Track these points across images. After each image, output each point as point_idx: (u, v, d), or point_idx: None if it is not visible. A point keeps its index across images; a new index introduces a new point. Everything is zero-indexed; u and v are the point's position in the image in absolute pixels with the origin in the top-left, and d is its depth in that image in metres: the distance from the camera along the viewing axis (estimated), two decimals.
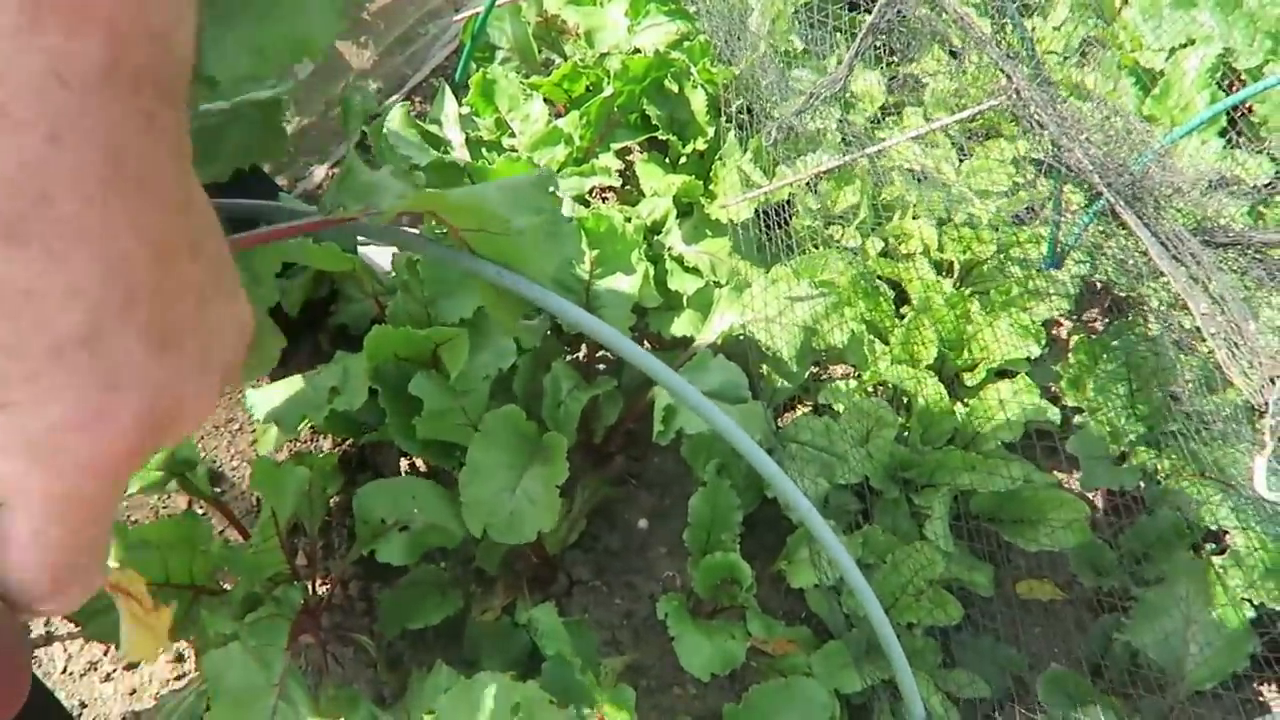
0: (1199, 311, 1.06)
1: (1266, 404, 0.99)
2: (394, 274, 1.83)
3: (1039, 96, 1.18)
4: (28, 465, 0.35)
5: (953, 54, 2.25)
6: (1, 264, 0.32)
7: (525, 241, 0.70)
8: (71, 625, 1.62)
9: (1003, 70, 1.21)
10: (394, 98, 2.50)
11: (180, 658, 1.57)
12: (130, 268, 0.35)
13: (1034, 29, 2.31)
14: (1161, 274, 1.68)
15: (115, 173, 0.34)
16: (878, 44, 1.54)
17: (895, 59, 1.78)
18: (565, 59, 2.13)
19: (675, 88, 1.81)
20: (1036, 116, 1.16)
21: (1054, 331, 2.07)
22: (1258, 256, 1.22)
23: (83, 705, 1.55)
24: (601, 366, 1.88)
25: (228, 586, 1.46)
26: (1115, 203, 1.12)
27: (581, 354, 1.87)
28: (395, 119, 1.66)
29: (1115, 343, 1.55)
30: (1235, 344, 1.05)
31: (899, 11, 1.29)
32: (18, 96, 0.32)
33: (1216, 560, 1.38)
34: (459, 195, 0.65)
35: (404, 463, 1.77)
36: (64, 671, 1.58)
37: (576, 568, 1.68)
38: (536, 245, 0.71)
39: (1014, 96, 1.19)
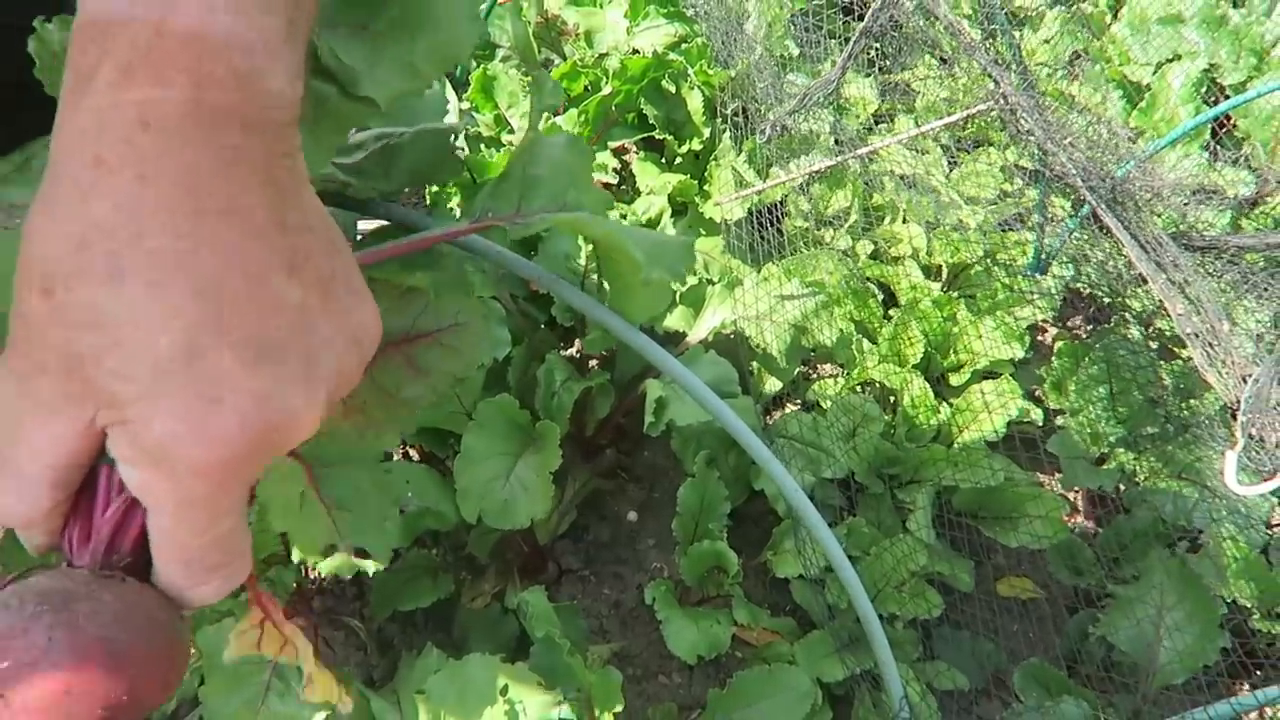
0: (1176, 312, 1.10)
1: (1238, 401, 1.03)
2: None
3: (1025, 103, 1.22)
4: (151, 473, 0.39)
5: (944, 62, 2.30)
6: (107, 300, 0.36)
7: (647, 291, 0.72)
8: None
9: (990, 76, 1.24)
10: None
11: None
12: (221, 290, 0.38)
13: (1023, 40, 2.36)
14: (1142, 282, 1.72)
15: (200, 204, 0.38)
16: (871, 49, 1.58)
17: (888, 64, 1.82)
18: (564, 59, 2.16)
19: (672, 88, 1.84)
20: (1023, 122, 1.20)
21: (1038, 337, 2.12)
22: (1233, 260, 1.26)
23: None
24: (593, 363, 1.91)
25: None
26: (1097, 206, 1.16)
27: (575, 348, 1.90)
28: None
29: (1098, 346, 1.59)
30: (1210, 344, 1.09)
31: (892, 17, 1.33)
32: (111, 146, 0.36)
33: (1190, 558, 1.42)
34: (605, 228, 0.66)
35: (396, 453, 1.79)
36: None
37: (566, 557, 1.71)
38: (653, 297, 0.74)
39: (1001, 102, 1.23)
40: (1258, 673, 1.48)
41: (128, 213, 0.37)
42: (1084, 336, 2.09)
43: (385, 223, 0.80)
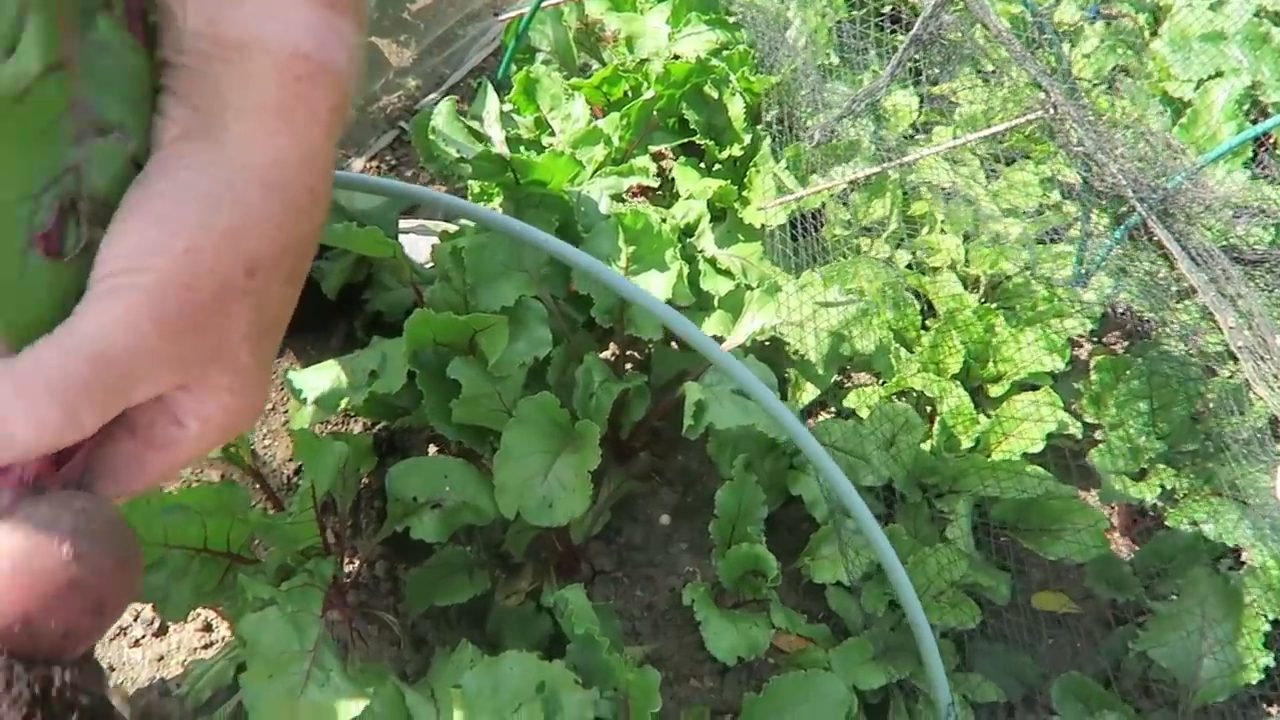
0: (1227, 325, 1.09)
1: None
2: (432, 263, 1.87)
3: (1075, 113, 1.21)
4: (220, 434, 0.47)
5: (984, 77, 2.30)
6: (281, 295, 0.46)
7: None
8: None
9: (1040, 85, 1.24)
10: (430, 96, 2.55)
11: (209, 626, 1.60)
12: (284, 307, 0.48)
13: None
14: (1185, 297, 1.71)
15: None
16: (915, 58, 1.58)
17: (933, 74, 1.82)
18: (602, 64, 2.17)
19: (715, 94, 1.85)
20: (1073, 131, 1.20)
21: (1074, 352, 2.10)
22: None
23: (111, 669, 1.58)
24: (629, 366, 1.92)
25: (260, 558, 1.49)
26: (1148, 217, 1.16)
27: (612, 351, 1.90)
28: (443, 114, 1.71)
29: (1139, 360, 1.58)
30: (1261, 357, 1.08)
31: (940, 26, 1.33)
32: (320, 181, 0.47)
33: (1233, 575, 1.41)
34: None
35: (431, 449, 1.80)
36: None
37: (599, 558, 1.71)
38: None
39: (1051, 111, 1.23)
40: None
41: (316, 234, 0.48)
42: (1120, 353, 2.08)
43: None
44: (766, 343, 1.77)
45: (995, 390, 1.66)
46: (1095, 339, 2.13)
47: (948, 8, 1.28)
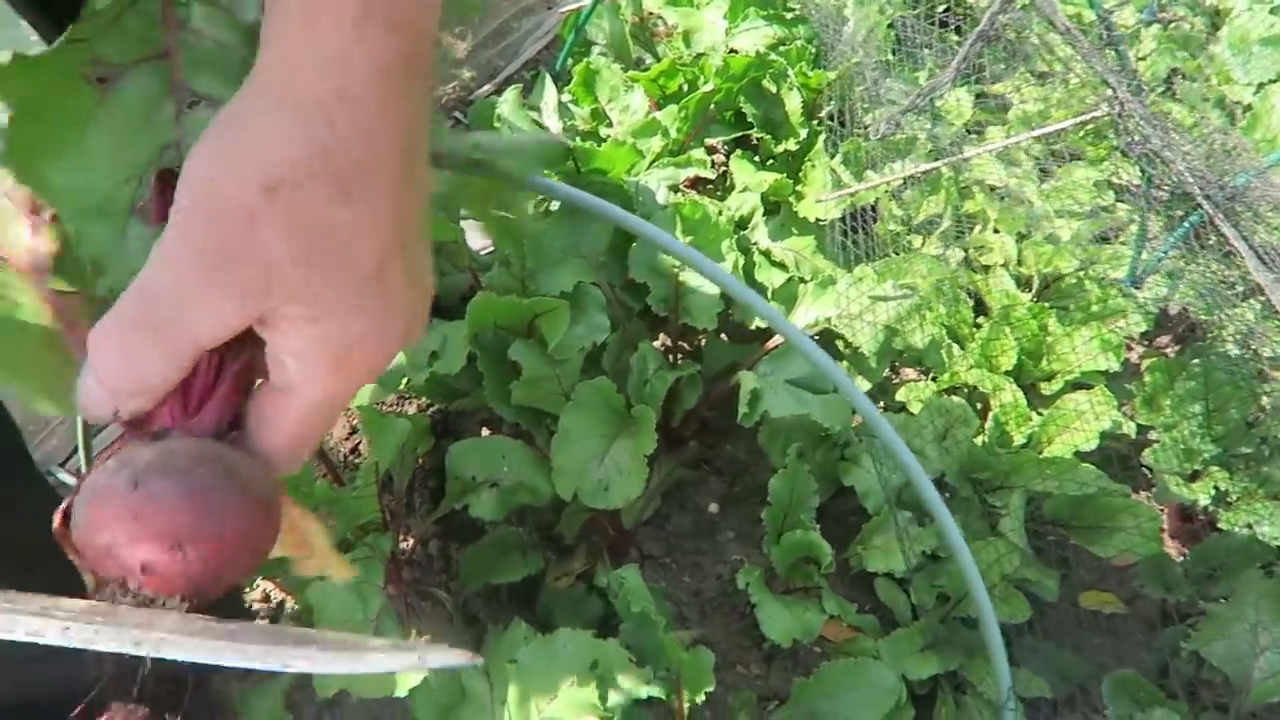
0: None
1: None
2: (490, 249, 1.90)
3: (1141, 109, 1.22)
4: (325, 368, 0.44)
5: (1039, 78, 2.29)
6: (331, 213, 0.42)
7: None
8: None
9: (1106, 82, 1.25)
10: (485, 87, 2.58)
11: (267, 597, 1.64)
12: (408, 218, 0.45)
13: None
14: (1242, 300, 1.70)
15: (410, 144, 0.44)
16: (975, 58, 1.59)
17: (996, 69, 1.83)
18: (657, 59, 2.20)
19: (772, 88, 1.86)
20: (1138, 128, 1.20)
21: (1125, 356, 2.09)
22: None
23: None
24: (680, 355, 1.94)
25: None
26: (1214, 214, 1.16)
27: (663, 341, 1.92)
28: (509, 103, 1.74)
29: (1195, 362, 1.57)
30: None
31: (1002, 22, 1.34)
32: (355, 82, 0.42)
33: None
34: None
35: (484, 431, 1.83)
36: None
37: (648, 544, 1.73)
38: None
39: (1117, 108, 1.23)
40: None
41: (366, 143, 0.42)
42: (1170, 356, 2.07)
43: None
44: (819, 335, 1.79)
45: (1048, 388, 1.66)
46: (1146, 342, 2.12)
47: (1014, 3, 1.28)
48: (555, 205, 1.69)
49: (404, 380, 1.56)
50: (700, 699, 1.30)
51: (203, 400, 0.46)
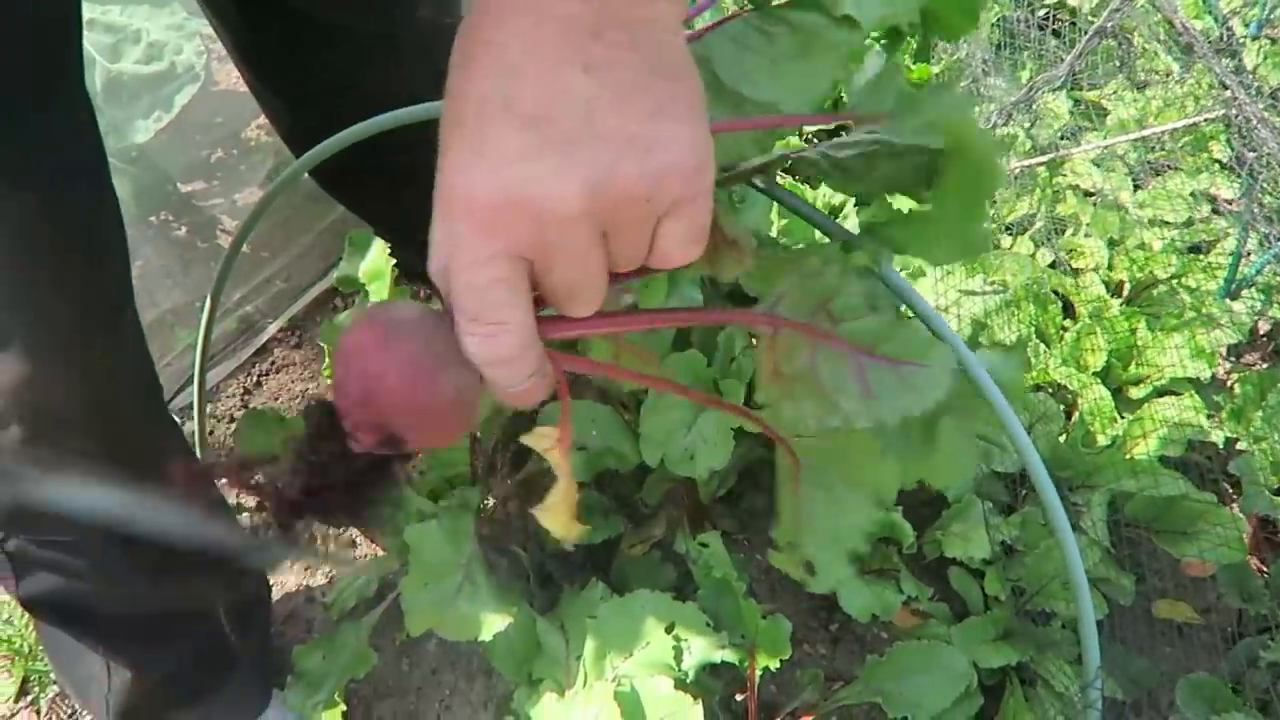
0: None
1: None
2: None
3: (1259, 112, 1.21)
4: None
5: (1137, 85, 2.27)
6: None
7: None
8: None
9: (1225, 84, 1.24)
10: None
11: (354, 542, 1.71)
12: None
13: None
14: None
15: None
16: (1089, 55, 1.58)
17: (1094, 74, 1.82)
18: None
19: None
20: (1257, 129, 1.20)
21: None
22: None
23: (264, 571, 1.70)
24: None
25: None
26: None
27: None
28: None
29: None
30: None
31: (1120, 19, 1.34)
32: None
33: None
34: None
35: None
36: None
37: (722, 520, 1.76)
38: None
39: (1235, 110, 1.23)
40: None
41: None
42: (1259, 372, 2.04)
43: None
44: None
45: (1136, 392, 1.66)
46: (1234, 358, 2.10)
47: (1133, 2, 1.29)
48: None
49: None
50: (774, 667, 1.33)
51: None
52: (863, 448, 0.60)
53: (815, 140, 1.83)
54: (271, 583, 1.68)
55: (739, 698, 1.51)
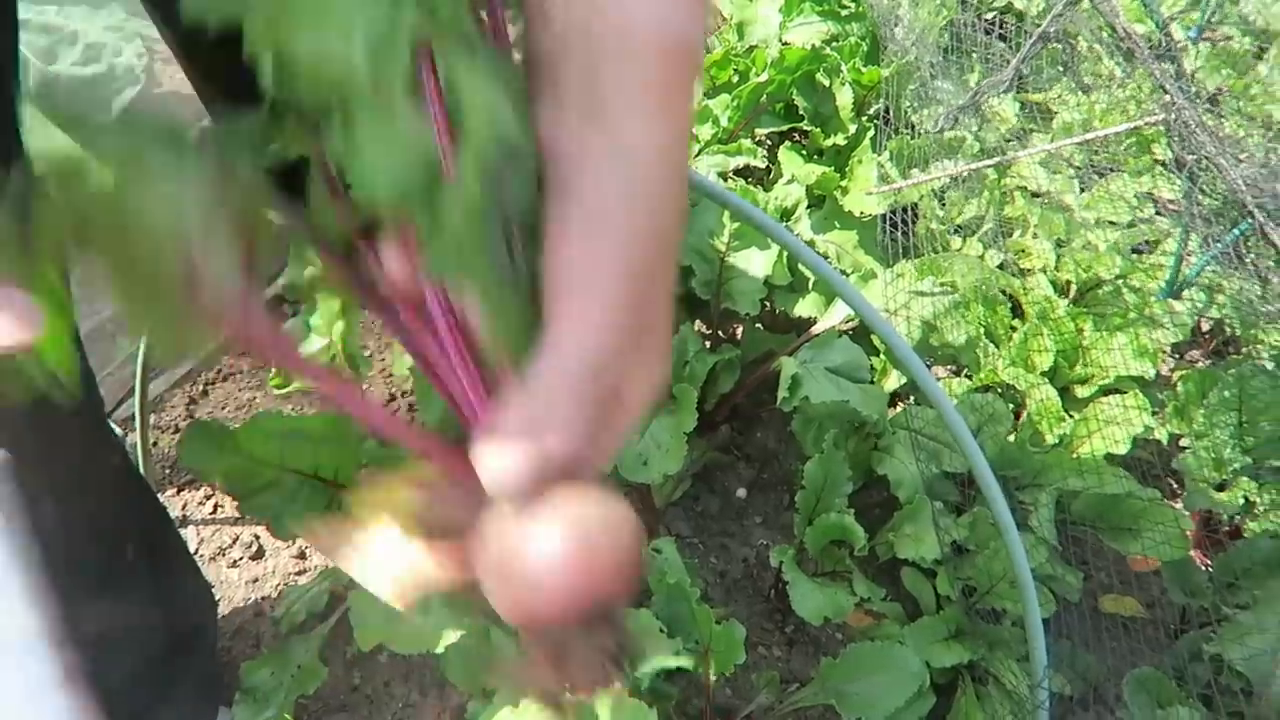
0: None
1: None
2: None
3: (1197, 116, 1.24)
4: (634, 400, 0.47)
5: (1083, 88, 2.31)
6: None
7: None
8: (206, 511, 1.74)
9: (1164, 87, 1.27)
10: None
11: (304, 554, 1.68)
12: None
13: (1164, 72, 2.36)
14: (1277, 319, 1.72)
15: None
16: (1022, 69, 1.61)
17: (1039, 79, 1.85)
18: (708, 51, 2.22)
19: (825, 83, 1.89)
20: (1193, 135, 1.22)
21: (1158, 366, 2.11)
22: None
23: (210, 586, 1.66)
24: (718, 344, 1.96)
25: None
26: (1265, 224, 1.18)
27: (698, 327, 1.95)
28: None
29: (1231, 372, 1.59)
30: None
31: (1063, 24, 1.36)
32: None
33: None
34: None
35: None
36: (195, 553, 1.70)
37: (677, 524, 1.76)
38: None
39: (1174, 113, 1.25)
40: None
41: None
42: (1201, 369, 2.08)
43: None
44: (856, 329, 1.81)
45: (1082, 391, 1.68)
46: (1177, 355, 2.14)
47: (1077, 7, 1.30)
48: None
49: None
50: (729, 672, 1.33)
51: None
52: None
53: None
54: (218, 598, 1.64)
55: (696, 703, 1.51)
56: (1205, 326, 2.16)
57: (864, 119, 1.87)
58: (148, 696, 1.31)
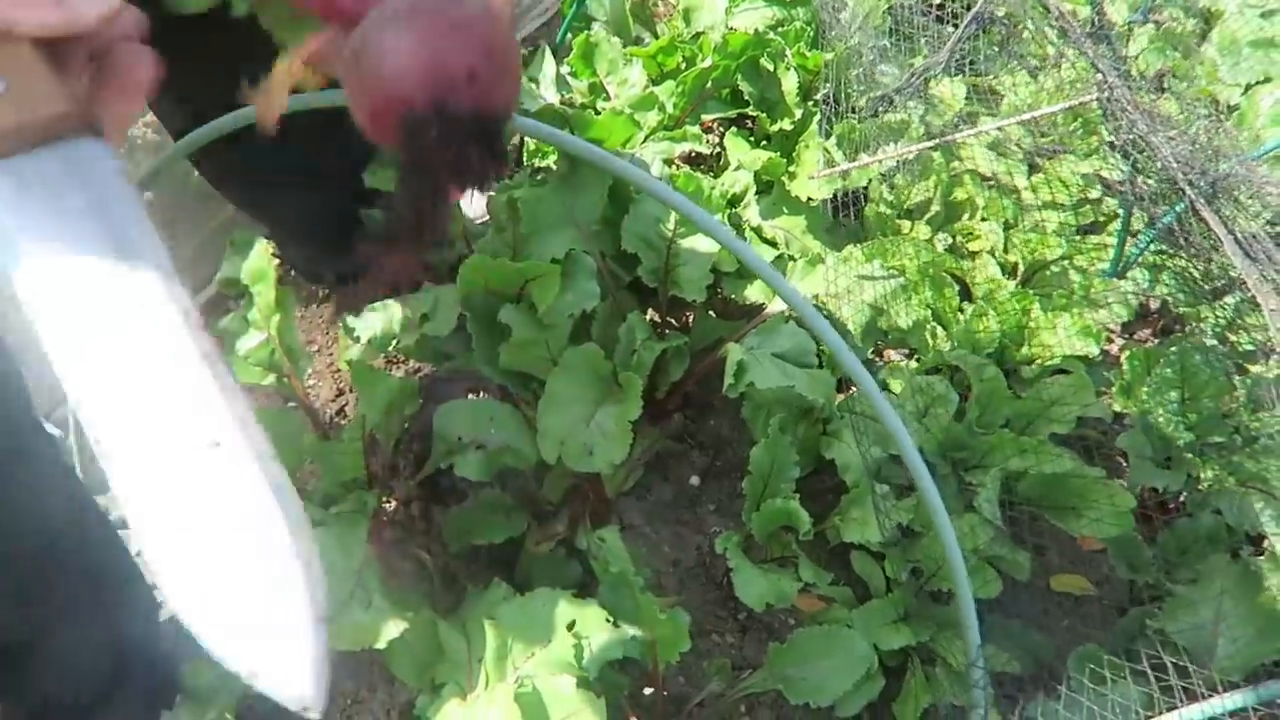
0: (1269, 308, 1.12)
1: None
2: (485, 219, 1.92)
3: (1129, 95, 1.24)
4: None
5: (1030, 72, 2.32)
6: None
7: None
8: None
9: (1096, 66, 1.27)
10: None
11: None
12: None
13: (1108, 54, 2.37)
14: (1221, 295, 1.74)
15: None
16: (965, 48, 1.61)
17: (990, 58, 1.85)
18: (656, 37, 2.21)
19: (770, 67, 1.88)
20: (1126, 113, 1.22)
21: (1106, 346, 2.13)
22: None
23: (154, 590, 1.63)
24: (669, 330, 1.96)
25: (305, 488, 1.54)
26: (1195, 199, 1.18)
27: (651, 315, 1.94)
28: None
29: (1173, 350, 1.61)
30: None
31: (998, 4, 1.35)
32: None
33: (1253, 562, 1.43)
34: None
35: (469, 396, 1.84)
36: (137, 555, 1.67)
37: (629, 513, 1.75)
38: None
39: (1106, 92, 1.25)
40: None
41: None
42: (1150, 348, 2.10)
43: None
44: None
45: (1028, 372, 1.69)
46: (1126, 334, 2.16)
47: None
48: (550, 173, 1.70)
49: (394, 342, 1.57)
50: (675, 660, 1.32)
51: None
52: None
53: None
54: (160, 601, 1.62)
55: (648, 691, 1.51)
56: (1154, 305, 2.18)
57: (810, 104, 1.87)
58: (86, 701, 1.29)
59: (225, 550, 0.42)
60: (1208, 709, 0.97)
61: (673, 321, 1.97)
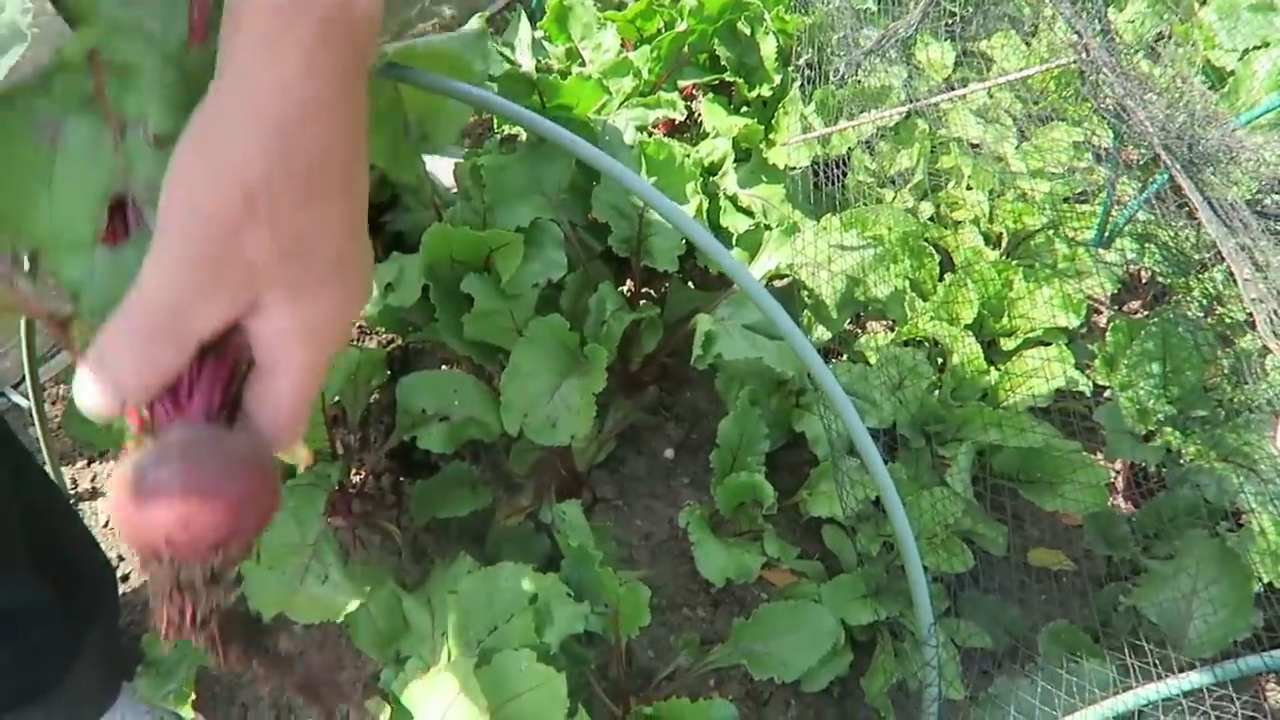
0: (1243, 277, 1.08)
1: None
2: (454, 187, 1.88)
3: (1107, 58, 1.20)
4: (303, 344, 0.50)
5: (1023, 38, 2.26)
6: (302, 216, 0.49)
7: None
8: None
9: (1074, 29, 1.22)
10: (468, 24, 2.54)
11: None
12: (358, 207, 0.52)
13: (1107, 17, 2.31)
14: (1205, 269, 1.69)
15: (357, 143, 0.52)
16: (950, 15, 1.56)
17: (969, 31, 1.80)
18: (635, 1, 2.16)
19: (748, 32, 1.83)
20: (1103, 75, 1.18)
21: (1094, 318, 2.09)
22: None
23: (120, 558, 1.62)
24: (643, 301, 1.92)
25: None
26: (1172, 166, 1.14)
27: (628, 287, 1.91)
28: (472, 29, 1.70)
29: (1154, 322, 1.57)
30: (1275, 311, 1.07)
31: None
32: (318, 93, 0.48)
33: (1230, 538, 1.40)
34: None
35: (443, 368, 1.82)
36: (105, 526, 1.66)
37: (601, 486, 1.73)
38: None
39: (1083, 54, 1.21)
40: None
41: (325, 151, 0.48)
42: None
43: None
44: (782, 283, 1.78)
45: (1008, 344, 1.66)
46: (1115, 306, 2.12)
47: None
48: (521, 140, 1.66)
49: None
50: (636, 633, 1.31)
51: (191, 392, 0.51)
52: None
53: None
54: (126, 573, 1.61)
55: (614, 666, 1.49)
56: (1145, 276, 2.13)
57: (790, 69, 1.82)
58: (44, 670, 1.28)
59: None
60: (1164, 689, 0.94)
61: (651, 293, 1.94)
